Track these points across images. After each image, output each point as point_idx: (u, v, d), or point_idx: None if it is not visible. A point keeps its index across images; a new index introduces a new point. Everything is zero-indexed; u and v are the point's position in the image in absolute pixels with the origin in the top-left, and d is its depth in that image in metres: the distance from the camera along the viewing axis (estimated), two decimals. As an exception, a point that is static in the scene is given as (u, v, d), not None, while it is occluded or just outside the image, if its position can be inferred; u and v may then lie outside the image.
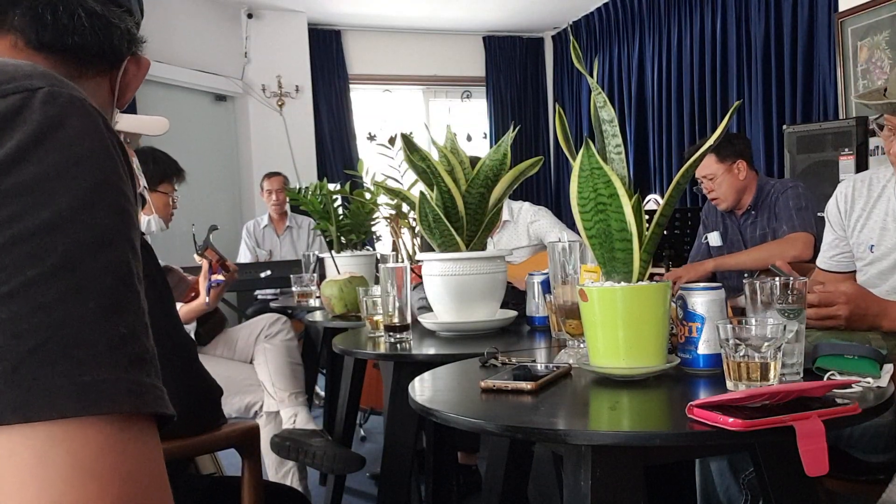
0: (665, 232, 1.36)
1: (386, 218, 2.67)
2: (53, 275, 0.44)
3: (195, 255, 2.37)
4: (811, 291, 1.44)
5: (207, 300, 2.38)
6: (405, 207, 2.49)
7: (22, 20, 0.63)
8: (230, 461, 2.12)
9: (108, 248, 0.47)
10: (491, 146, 5.22)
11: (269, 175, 4.93)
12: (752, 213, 3.01)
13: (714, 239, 3.14)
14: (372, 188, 2.75)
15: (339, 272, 2.62)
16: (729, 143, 3.01)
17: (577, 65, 1.22)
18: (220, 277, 2.36)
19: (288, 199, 4.33)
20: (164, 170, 2.50)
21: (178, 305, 2.44)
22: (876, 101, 1.61)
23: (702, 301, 1.21)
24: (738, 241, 3.06)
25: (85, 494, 0.42)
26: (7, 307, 0.43)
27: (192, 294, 2.49)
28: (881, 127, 1.70)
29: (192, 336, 2.52)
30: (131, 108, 4.85)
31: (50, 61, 0.64)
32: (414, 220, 2.41)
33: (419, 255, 1.92)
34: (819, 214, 2.55)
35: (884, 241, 1.77)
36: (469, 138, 7.14)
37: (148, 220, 2.38)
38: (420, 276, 1.88)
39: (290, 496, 1.53)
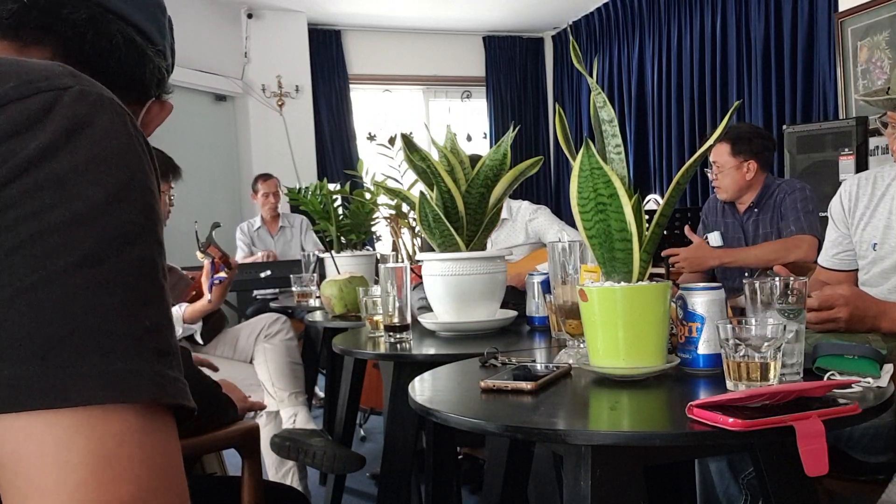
0: (665, 232, 1.36)
1: (386, 218, 2.67)
2: (82, 266, 0.45)
3: (197, 253, 2.37)
4: (810, 295, 1.44)
5: (210, 298, 2.37)
6: (405, 207, 2.49)
7: (63, 35, 0.64)
8: (230, 461, 2.12)
9: (135, 244, 0.48)
10: (491, 146, 5.23)
11: (265, 178, 4.94)
12: (755, 210, 2.99)
13: (714, 239, 3.12)
14: (372, 188, 2.75)
15: (339, 272, 2.62)
16: (748, 140, 2.92)
17: (576, 65, 1.22)
18: (223, 275, 2.36)
19: (283, 200, 4.35)
20: (158, 168, 2.49)
21: (182, 306, 2.44)
22: (879, 98, 1.61)
23: (702, 301, 1.21)
24: (740, 238, 3.04)
25: (105, 481, 0.43)
26: (36, 296, 0.44)
27: (193, 293, 2.49)
28: (885, 125, 1.70)
29: (198, 336, 2.52)
30: (131, 108, 4.84)
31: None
32: (414, 220, 2.41)
33: (419, 255, 1.92)
34: (822, 214, 2.54)
35: (887, 239, 1.77)
36: (469, 138, 7.14)
37: None
38: (420, 276, 1.88)
39: (290, 496, 1.53)
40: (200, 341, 2.54)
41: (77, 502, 0.42)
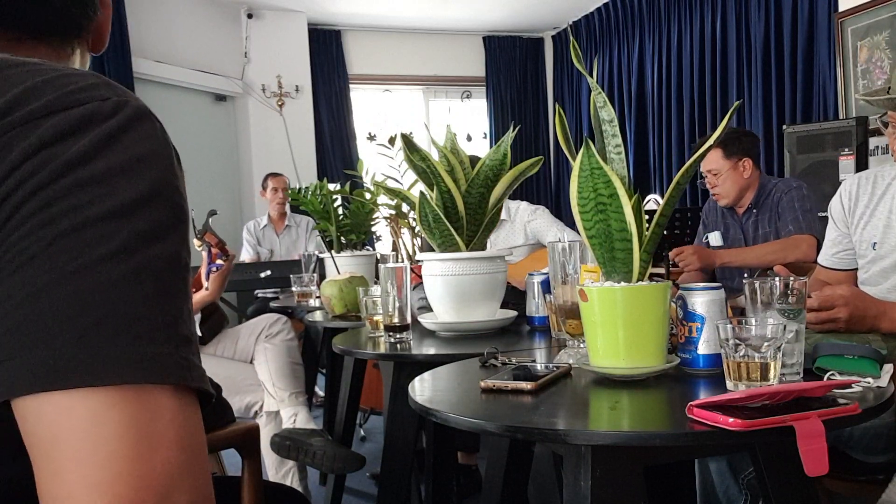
0: (665, 232, 1.36)
1: (386, 218, 2.67)
2: (116, 257, 0.49)
3: (194, 240, 2.36)
4: (810, 295, 1.44)
5: (208, 287, 2.37)
6: (405, 207, 2.49)
7: (20, 14, 0.67)
8: (230, 461, 2.12)
9: (163, 239, 0.52)
10: (491, 146, 5.24)
11: (275, 175, 5.05)
12: (754, 211, 3.00)
13: (715, 239, 3.13)
14: (372, 188, 2.75)
15: (339, 272, 2.62)
16: (737, 140, 2.99)
17: (577, 65, 1.22)
18: (221, 262, 2.36)
19: (288, 200, 4.38)
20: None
21: None
22: (879, 98, 1.61)
23: (702, 301, 1.21)
24: (740, 239, 3.05)
25: (137, 454, 0.46)
26: (73, 283, 0.47)
27: (193, 289, 2.49)
28: (885, 125, 1.70)
29: (197, 329, 2.52)
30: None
31: (50, 47, 0.69)
32: (414, 220, 2.41)
33: (419, 255, 1.92)
34: (821, 214, 2.54)
35: (887, 238, 1.77)
36: (469, 138, 7.13)
37: None
38: (420, 276, 1.88)
39: (290, 496, 1.53)
40: (199, 332, 2.54)
41: (110, 472, 0.45)
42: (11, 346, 0.47)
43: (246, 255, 4.85)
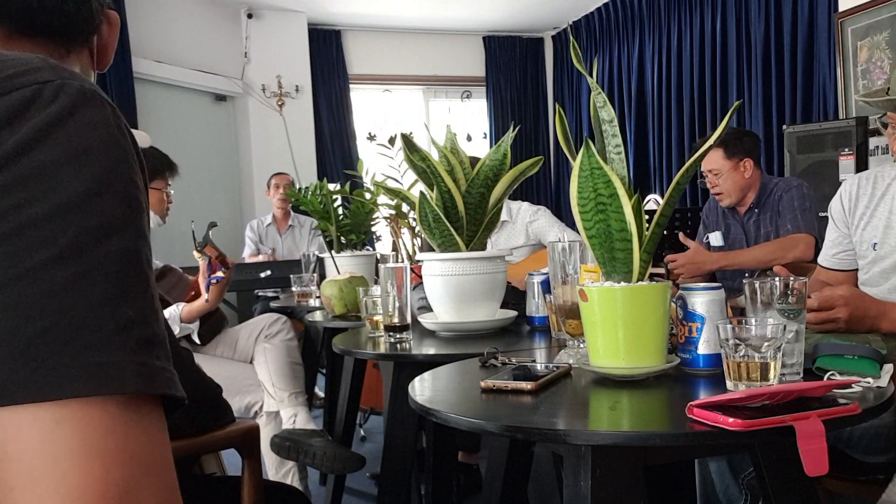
0: (665, 232, 1.36)
1: (386, 218, 2.67)
2: (61, 259, 0.45)
3: (194, 252, 2.36)
4: (810, 296, 1.44)
5: (207, 298, 2.37)
6: (405, 207, 2.49)
7: (10, 9, 0.65)
8: (230, 461, 2.12)
9: (116, 235, 0.48)
10: (491, 146, 5.23)
11: (279, 174, 5.12)
12: (756, 210, 3.00)
13: (715, 239, 3.13)
14: (372, 188, 2.75)
15: (339, 272, 2.62)
16: (739, 140, 2.99)
17: (576, 65, 1.22)
18: (220, 274, 2.36)
19: (290, 200, 4.40)
20: (155, 165, 2.46)
21: (180, 305, 2.44)
22: (879, 99, 1.61)
23: (702, 301, 1.21)
24: (742, 239, 3.05)
25: (90, 474, 0.43)
26: (17, 289, 0.44)
27: (192, 293, 2.49)
28: (885, 125, 1.70)
29: (195, 336, 2.52)
30: (131, 111, 4.86)
31: (42, 46, 0.67)
32: (414, 220, 2.41)
33: (419, 255, 1.92)
34: (821, 214, 2.54)
35: (887, 239, 1.77)
36: (469, 138, 7.13)
37: None
38: (420, 276, 1.88)
39: (291, 495, 1.53)
40: (197, 341, 2.54)
41: (62, 494, 0.43)
42: None
43: (247, 251, 4.88)
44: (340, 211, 2.89)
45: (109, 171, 0.49)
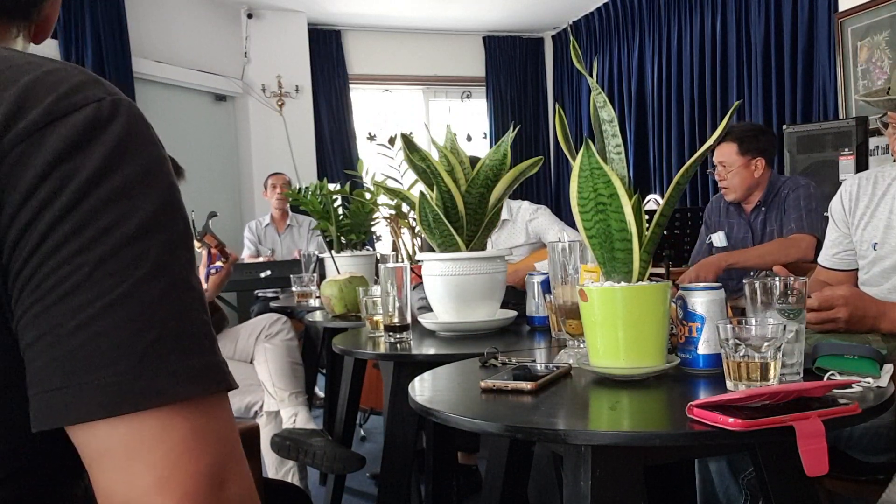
0: (665, 232, 1.36)
1: (386, 218, 2.67)
2: (154, 275, 0.51)
3: (194, 241, 2.36)
4: (810, 296, 1.44)
5: (206, 288, 2.37)
6: (405, 207, 2.49)
7: None
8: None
9: (184, 246, 0.54)
10: (491, 146, 5.23)
11: (276, 174, 5.13)
12: (763, 209, 2.98)
13: (718, 239, 3.11)
14: (372, 188, 2.75)
15: (339, 272, 2.62)
16: (755, 137, 2.95)
17: (577, 65, 1.22)
18: (220, 264, 2.36)
19: (289, 200, 4.40)
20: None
21: None
22: (879, 99, 1.61)
23: (702, 301, 1.21)
24: (747, 238, 3.02)
25: (199, 453, 0.51)
26: (125, 308, 0.50)
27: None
28: (885, 125, 1.70)
29: None
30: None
31: (22, 30, 0.67)
32: (414, 220, 2.41)
33: (419, 255, 1.92)
34: (824, 215, 2.53)
35: (888, 239, 1.77)
36: (469, 138, 7.13)
37: None
38: (420, 276, 1.88)
39: (291, 494, 1.53)
40: None
41: (179, 472, 0.49)
42: (64, 374, 0.49)
43: (246, 252, 4.87)
44: (340, 211, 2.89)
45: (170, 185, 0.54)
